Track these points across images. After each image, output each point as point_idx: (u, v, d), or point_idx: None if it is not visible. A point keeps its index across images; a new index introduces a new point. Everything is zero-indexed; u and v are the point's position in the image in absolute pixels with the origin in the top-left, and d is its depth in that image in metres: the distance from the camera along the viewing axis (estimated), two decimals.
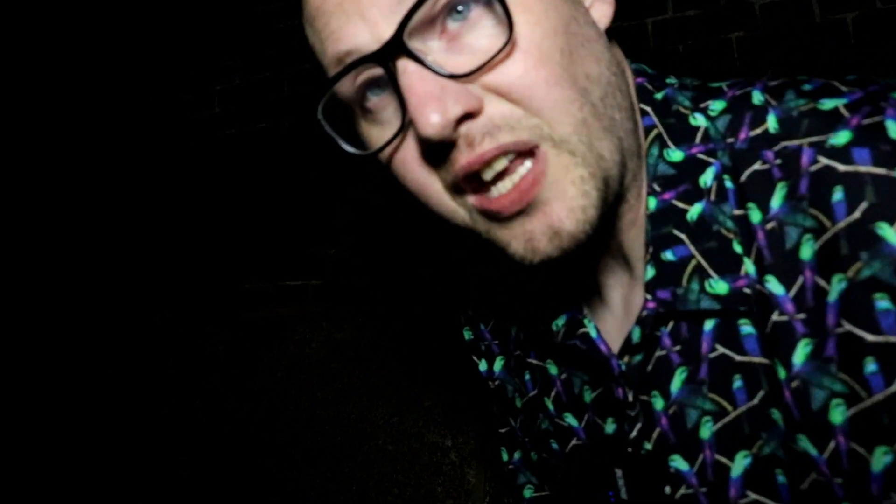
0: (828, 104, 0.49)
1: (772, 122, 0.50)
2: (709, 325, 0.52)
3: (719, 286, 0.50)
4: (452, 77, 0.46)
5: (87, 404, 2.79)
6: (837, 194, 0.46)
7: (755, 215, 0.50)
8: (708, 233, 0.51)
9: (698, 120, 0.54)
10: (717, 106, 0.54)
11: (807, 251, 0.47)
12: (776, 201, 0.49)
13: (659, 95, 0.56)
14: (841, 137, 0.47)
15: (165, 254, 2.83)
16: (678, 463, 0.54)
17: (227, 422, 2.51)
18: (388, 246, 2.41)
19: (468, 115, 0.47)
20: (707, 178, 0.52)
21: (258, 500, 2.39)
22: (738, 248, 0.50)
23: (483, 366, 0.76)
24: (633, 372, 0.56)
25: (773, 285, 0.49)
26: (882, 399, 0.44)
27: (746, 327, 0.50)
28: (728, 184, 0.51)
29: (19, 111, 3.17)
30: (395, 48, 0.46)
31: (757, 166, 0.50)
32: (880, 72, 1.84)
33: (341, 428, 2.31)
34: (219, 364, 2.59)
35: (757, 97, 0.52)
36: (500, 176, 0.49)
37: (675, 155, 0.53)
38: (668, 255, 0.52)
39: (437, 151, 0.48)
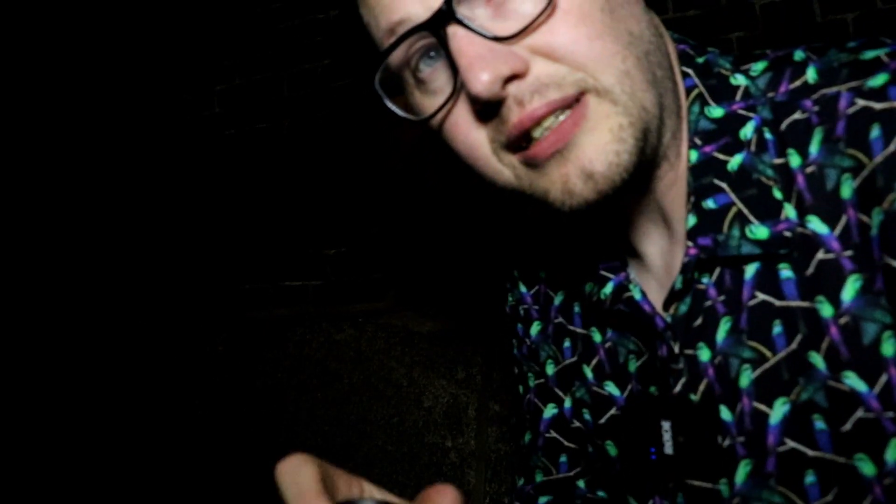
0: (869, 54, 0.50)
1: (811, 74, 0.51)
2: (749, 271, 0.53)
3: (760, 231, 0.52)
4: (498, 39, 0.49)
5: (88, 404, 2.79)
6: (875, 131, 0.46)
7: (794, 160, 0.51)
8: (748, 181, 0.52)
9: (738, 80, 0.55)
10: (758, 66, 0.55)
11: (847, 190, 0.48)
12: (814, 146, 0.50)
13: (700, 59, 0.57)
14: (878, 80, 0.48)
15: (166, 254, 2.83)
16: (724, 414, 0.54)
17: (227, 422, 2.51)
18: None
19: (515, 76, 0.49)
20: (747, 131, 0.53)
21: (258, 500, 2.39)
22: (778, 195, 0.51)
23: (520, 328, 0.79)
24: (678, 324, 0.57)
25: (816, 225, 0.50)
26: None
27: (786, 272, 0.51)
28: (768, 135, 0.52)
29: (20, 112, 3.17)
30: (446, 16, 0.50)
31: (796, 115, 0.51)
32: None
33: (341, 428, 2.31)
34: (219, 364, 2.59)
35: (798, 55, 0.53)
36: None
37: (716, 111, 0.55)
38: (710, 204, 0.53)
39: (488, 110, 0.51)
